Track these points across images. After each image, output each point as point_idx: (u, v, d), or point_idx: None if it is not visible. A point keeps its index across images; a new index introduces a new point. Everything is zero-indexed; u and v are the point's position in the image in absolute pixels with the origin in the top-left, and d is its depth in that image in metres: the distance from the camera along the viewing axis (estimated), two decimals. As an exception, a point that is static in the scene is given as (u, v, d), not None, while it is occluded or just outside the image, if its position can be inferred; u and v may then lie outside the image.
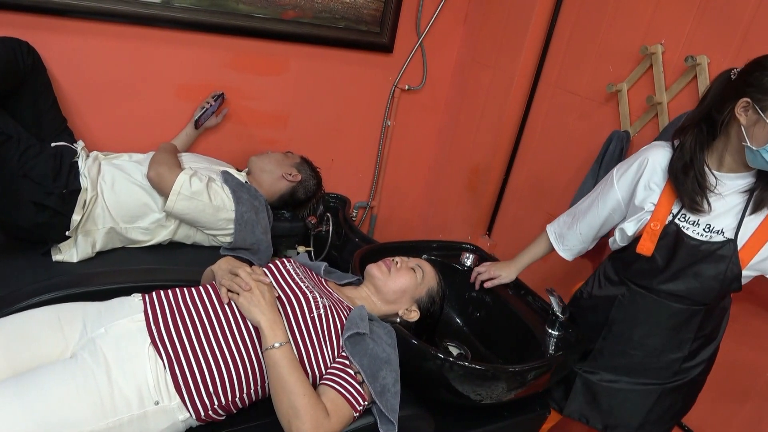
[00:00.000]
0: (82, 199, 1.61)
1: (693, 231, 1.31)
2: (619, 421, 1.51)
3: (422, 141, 2.69)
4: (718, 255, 1.29)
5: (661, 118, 1.71)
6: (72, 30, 1.80)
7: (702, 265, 1.31)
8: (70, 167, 1.64)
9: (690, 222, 1.31)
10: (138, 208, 1.71)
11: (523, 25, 2.16)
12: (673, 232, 1.32)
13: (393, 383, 1.21)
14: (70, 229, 1.60)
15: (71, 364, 1.08)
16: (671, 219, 1.33)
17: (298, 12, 2.10)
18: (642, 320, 1.42)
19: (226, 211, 1.75)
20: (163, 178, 1.68)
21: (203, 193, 1.71)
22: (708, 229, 1.30)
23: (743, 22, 1.51)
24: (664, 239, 1.33)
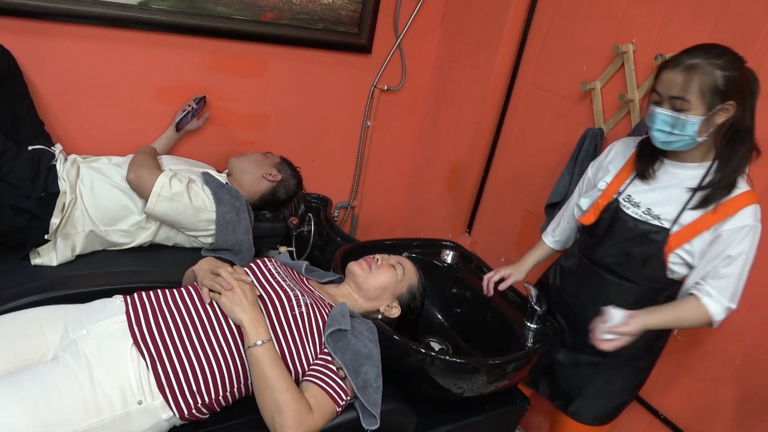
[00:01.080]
0: (61, 202, 1.60)
1: (633, 211, 1.41)
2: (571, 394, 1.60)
3: (402, 141, 2.72)
4: (648, 237, 1.37)
5: (633, 115, 1.76)
6: (48, 33, 1.79)
7: (632, 243, 1.40)
8: (48, 170, 1.63)
9: (632, 203, 1.41)
10: (118, 211, 1.71)
11: (499, 25, 2.19)
12: (614, 208, 1.43)
13: (375, 378, 1.23)
14: (49, 232, 1.59)
15: (53, 366, 1.08)
16: (616, 197, 1.44)
17: (276, 14, 2.11)
18: (584, 290, 1.53)
19: (207, 212, 1.76)
20: (143, 180, 1.68)
21: (183, 194, 1.71)
22: (647, 212, 1.38)
23: (710, 21, 1.56)
24: (606, 213, 1.45)
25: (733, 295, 1.31)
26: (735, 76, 1.22)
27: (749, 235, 1.28)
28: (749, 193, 1.30)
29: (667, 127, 1.27)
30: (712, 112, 1.23)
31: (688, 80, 1.22)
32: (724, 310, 1.32)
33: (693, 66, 1.22)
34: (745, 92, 1.25)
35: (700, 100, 1.23)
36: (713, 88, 1.22)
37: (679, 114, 1.25)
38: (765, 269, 1.48)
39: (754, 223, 1.28)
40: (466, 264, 1.87)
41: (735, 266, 1.29)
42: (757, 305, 1.50)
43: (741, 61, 1.25)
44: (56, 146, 1.76)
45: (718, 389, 1.61)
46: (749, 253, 1.29)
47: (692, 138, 1.27)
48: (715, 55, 1.22)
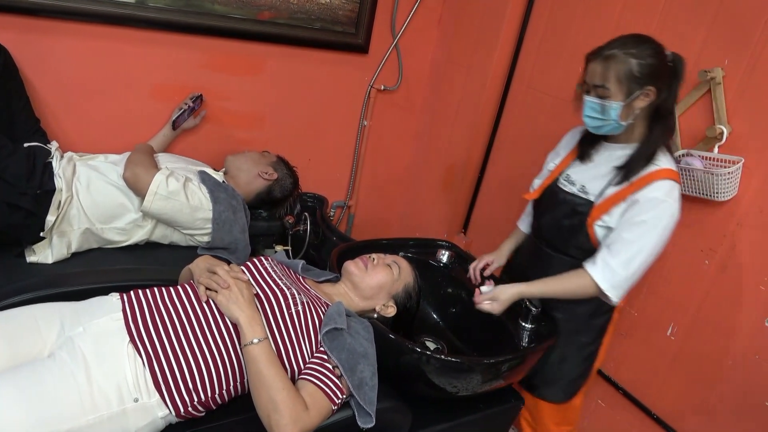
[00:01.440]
0: (57, 199, 1.60)
1: (569, 188, 1.54)
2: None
3: (398, 141, 2.73)
4: (576, 210, 1.50)
5: (628, 117, 1.77)
6: (45, 30, 1.79)
7: (563, 216, 1.54)
8: (44, 168, 1.63)
9: (570, 181, 1.55)
10: (114, 209, 1.71)
11: (496, 26, 2.20)
12: (554, 185, 1.58)
13: (370, 377, 1.24)
14: (45, 230, 1.59)
15: (49, 363, 1.08)
16: (558, 177, 1.59)
17: (273, 13, 2.11)
18: (532, 265, 1.64)
19: (204, 211, 1.76)
20: (140, 179, 1.68)
21: (180, 192, 1.71)
22: (581, 189, 1.52)
23: (705, 23, 1.57)
24: (548, 189, 1.60)
25: (627, 262, 1.38)
26: (650, 63, 1.32)
27: (657, 208, 1.35)
28: (667, 170, 1.37)
29: (594, 113, 1.39)
30: (631, 98, 1.34)
31: (607, 69, 1.34)
32: (611, 276, 1.40)
33: (610, 56, 1.34)
34: (664, 77, 1.35)
35: (618, 87, 1.34)
36: (629, 75, 1.32)
37: (602, 101, 1.36)
38: (756, 271, 1.49)
39: (664, 197, 1.35)
40: (462, 264, 1.88)
41: (634, 232, 1.37)
42: (747, 306, 1.52)
43: (658, 48, 1.35)
44: (52, 143, 1.76)
45: (710, 389, 1.62)
46: (654, 225, 1.36)
47: (617, 122, 1.37)
48: (630, 46, 1.33)
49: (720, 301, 1.58)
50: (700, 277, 1.62)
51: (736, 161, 1.47)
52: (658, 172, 1.37)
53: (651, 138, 1.40)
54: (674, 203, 1.36)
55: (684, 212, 1.63)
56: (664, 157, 1.40)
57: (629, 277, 1.40)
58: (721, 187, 1.48)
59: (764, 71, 1.45)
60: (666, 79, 1.35)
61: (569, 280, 1.48)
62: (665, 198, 1.35)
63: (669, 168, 1.38)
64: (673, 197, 1.36)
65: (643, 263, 1.39)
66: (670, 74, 1.36)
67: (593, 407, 1.96)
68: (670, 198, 1.35)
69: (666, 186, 1.36)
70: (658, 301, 1.73)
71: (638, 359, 1.80)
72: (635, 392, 1.81)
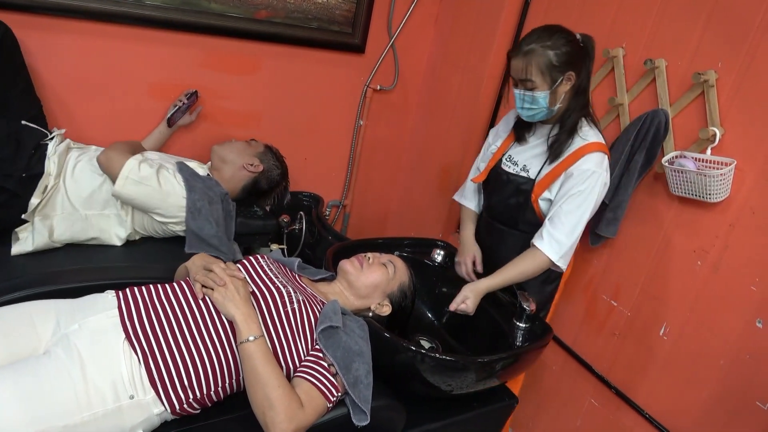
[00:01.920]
0: (44, 183, 1.61)
1: (512, 168, 1.69)
2: None
3: (394, 141, 2.73)
4: (520, 189, 1.64)
5: (622, 119, 1.79)
6: (41, 27, 1.79)
7: (510, 195, 1.68)
8: (35, 149, 1.63)
9: (512, 162, 1.69)
10: (98, 194, 1.71)
11: (492, 27, 2.21)
12: (498, 167, 1.72)
13: (365, 375, 1.24)
14: (27, 212, 1.59)
15: (45, 361, 1.08)
16: (500, 158, 1.72)
17: (270, 12, 2.12)
18: (488, 242, 1.78)
19: (177, 197, 1.72)
20: (112, 162, 1.67)
21: (152, 178, 1.69)
22: (523, 169, 1.66)
23: (698, 27, 1.59)
24: (492, 171, 1.74)
25: (570, 232, 1.53)
26: (566, 51, 1.47)
27: (590, 178, 1.50)
28: (595, 144, 1.53)
29: (525, 103, 1.54)
30: (555, 86, 1.49)
31: (528, 64, 1.48)
32: (559, 247, 1.54)
33: (529, 51, 1.47)
34: (579, 60, 1.49)
35: (542, 78, 1.48)
36: (550, 65, 1.47)
37: (531, 92, 1.51)
38: (748, 272, 1.51)
39: (595, 168, 1.50)
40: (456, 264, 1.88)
41: (572, 204, 1.52)
42: (738, 307, 1.53)
43: (570, 36, 1.49)
44: (55, 130, 1.76)
45: (702, 389, 1.63)
46: (588, 194, 1.51)
47: (547, 108, 1.53)
48: (545, 38, 1.47)
49: (712, 302, 1.60)
50: (692, 277, 1.64)
51: (729, 163, 1.49)
52: (587, 146, 1.53)
53: (569, 114, 1.54)
54: (604, 172, 1.53)
55: (676, 213, 1.66)
56: (591, 131, 1.56)
57: (573, 245, 1.56)
58: (714, 189, 1.49)
59: (757, 74, 1.47)
60: (581, 61, 1.50)
61: (524, 262, 1.59)
62: (596, 168, 1.51)
63: (597, 141, 1.54)
64: (603, 167, 1.52)
65: (582, 229, 1.55)
66: (584, 55, 1.51)
67: (586, 406, 1.98)
68: (600, 168, 1.51)
69: (595, 158, 1.52)
70: (651, 301, 1.75)
71: (631, 359, 1.82)
72: (628, 392, 1.83)
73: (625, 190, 1.69)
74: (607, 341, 1.89)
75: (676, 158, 1.58)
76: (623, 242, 1.82)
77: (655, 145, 1.64)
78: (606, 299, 1.88)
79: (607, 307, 1.88)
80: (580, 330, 1.98)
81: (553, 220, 1.55)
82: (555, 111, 1.54)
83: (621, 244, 1.82)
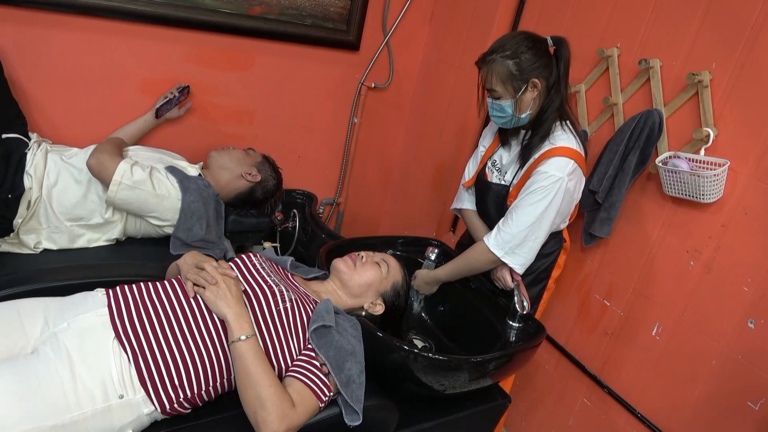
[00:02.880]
0: (26, 199, 1.57)
1: (495, 175, 1.69)
2: None
3: (388, 139, 2.73)
4: (500, 194, 1.65)
5: (616, 119, 1.78)
6: (31, 21, 1.76)
7: (490, 200, 1.69)
8: (18, 164, 1.59)
9: (496, 167, 1.69)
10: (82, 207, 1.67)
11: (486, 25, 2.21)
12: (482, 172, 1.72)
13: (358, 374, 1.24)
14: (14, 231, 1.58)
15: (33, 359, 1.07)
16: (486, 163, 1.72)
17: (264, 8, 2.10)
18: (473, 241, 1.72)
19: (172, 200, 1.71)
20: (104, 166, 1.63)
21: (146, 182, 1.66)
22: (502, 173, 1.66)
23: (693, 27, 1.59)
24: (479, 176, 1.74)
25: (519, 229, 1.51)
26: (527, 59, 1.44)
27: (548, 180, 1.47)
28: (561, 148, 1.49)
29: (495, 112, 1.53)
30: (519, 94, 1.47)
31: (491, 74, 1.47)
32: (503, 243, 1.53)
33: (490, 61, 1.47)
34: (545, 65, 1.46)
35: (503, 87, 1.47)
36: (510, 75, 1.45)
37: (497, 101, 1.51)
38: (740, 272, 1.51)
39: (554, 172, 1.47)
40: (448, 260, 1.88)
41: (525, 201, 1.50)
42: (731, 307, 1.54)
43: (533, 41, 1.46)
44: (33, 135, 1.72)
45: (694, 389, 1.64)
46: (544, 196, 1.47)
47: (515, 116, 1.51)
48: (508, 47, 1.45)
49: (705, 302, 1.60)
50: (685, 277, 1.64)
51: (722, 164, 1.49)
52: (553, 150, 1.50)
53: (542, 117, 1.52)
54: (566, 178, 1.48)
55: (670, 213, 1.66)
56: (564, 134, 1.52)
57: (523, 243, 1.52)
58: (707, 189, 1.49)
59: (751, 75, 1.47)
60: (548, 66, 1.47)
61: (471, 253, 1.62)
62: (555, 172, 1.47)
63: (564, 146, 1.50)
64: (566, 172, 1.48)
65: (539, 233, 1.52)
66: (551, 60, 1.47)
67: (579, 406, 1.98)
68: (561, 173, 1.47)
69: (558, 162, 1.48)
70: (644, 301, 1.75)
71: (623, 358, 1.82)
72: (620, 391, 1.83)
73: (619, 190, 1.69)
74: (600, 341, 1.89)
75: (670, 158, 1.58)
76: (616, 242, 1.82)
77: (649, 146, 1.64)
78: (599, 299, 1.89)
79: (600, 306, 1.88)
80: (573, 329, 1.99)
81: (505, 216, 1.56)
82: (524, 119, 1.53)
83: (614, 244, 1.83)
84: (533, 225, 1.50)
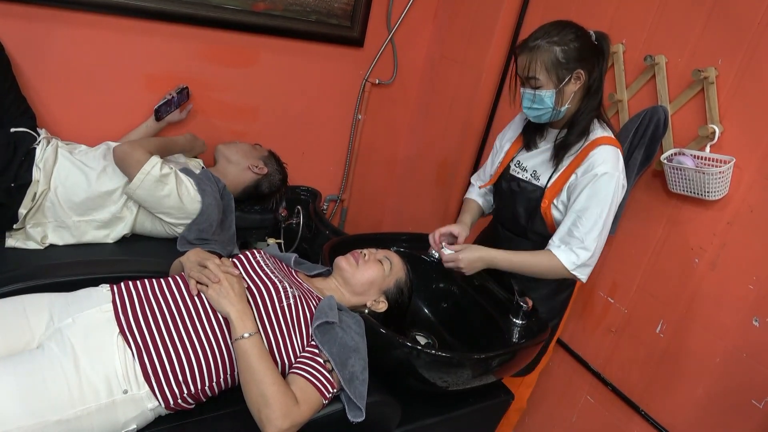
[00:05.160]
0: (32, 191, 1.58)
1: (522, 175, 1.60)
2: None
3: (392, 135, 2.72)
4: (530, 197, 1.56)
5: (621, 115, 1.78)
6: (36, 17, 1.77)
7: (518, 203, 1.60)
8: (26, 156, 1.60)
9: (522, 168, 1.61)
10: (92, 201, 1.67)
11: (491, 21, 2.20)
12: (507, 173, 1.64)
13: (361, 371, 1.24)
14: (18, 221, 1.58)
15: (38, 355, 1.08)
16: (509, 163, 1.64)
17: (268, 4, 2.10)
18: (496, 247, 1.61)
19: (192, 201, 1.72)
20: (133, 156, 1.63)
21: (171, 177, 1.68)
22: (533, 175, 1.58)
23: (699, 23, 1.57)
24: (501, 176, 1.66)
25: (588, 243, 1.44)
26: (575, 47, 1.37)
27: (599, 180, 1.40)
28: (604, 137, 1.44)
29: (531, 103, 1.44)
30: (562, 84, 1.39)
31: (533, 61, 1.39)
32: (576, 258, 1.45)
33: (534, 47, 1.38)
34: (590, 57, 1.40)
35: (547, 76, 1.39)
36: (555, 63, 1.37)
37: (536, 91, 1.41)
38: (745, 269, 1.51)
39: (607, 169, 1.40)
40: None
41: (588, 212, 1.42)
42: (735, 305, 1.53)
43: (580, 31, 1.40)
44: (41, 131, 1.73)
45: (698, 386, 1.64)
46: (603, 198, 1.41)
47: (554, 109, 1.43)
48: (553, 33, 1.38)
49: (709, 300, 1.60)
50: (689, 275, 1.63)
51: (728, 161, 1.48)
52: (597, 140, 1.44)
53: (580, 115, 1.45)
54: (614, 171, 1.41)
55: (674, 210, 1.65)
56: (599, 127, 1.47)
57: (593, 255, 1.46)
58: (712, 186, 1.49)
59: (757, 72, 1.46)
60: (593, 59, 1.40)
61: (539, 258, 1.51)
62: (608, 170, 1.40)
63: (603, 135, 1.45)
64: (618, 166, 1.42)
65: (602, 237, 1.46)
66: (597, 53, 1.41)
67: (582, 403, 1.98)
68: (613, 169, 1.41)
69: (605, 154, 1.42)
70: (648, 298, 1.75)
71: (627, 356, 1.82)
72: (623, 388, 1.83)
73: (624, 187, 1.69)
74: (604, 338, 1.89)
75: (675, 155, 1.57)
76: (621, 239, 1.81)
77: (654, 142, 1.64)
78: (603, 296, 1.88)
79: (604, 303, 1.88)
80: (577, 326, 1.98)
81: (571, 229, 1.46)
82: (563, 112, 1.45)
83: (618, 241, 1.82)
84: (604, 233, 1.45)
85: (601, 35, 1.43)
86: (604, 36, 1.43)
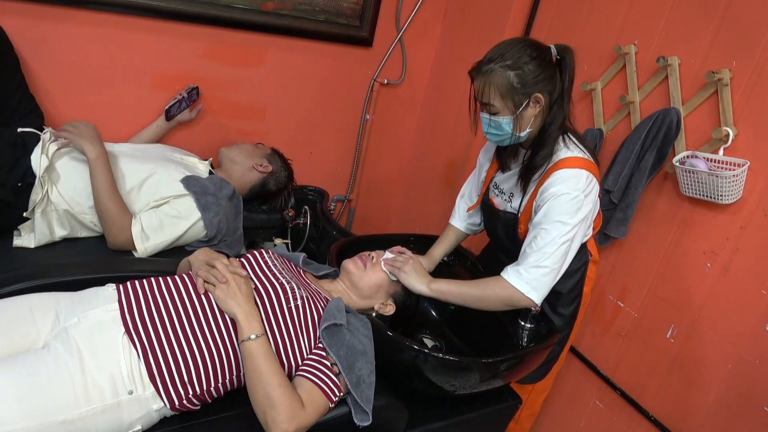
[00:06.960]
0: (38, 189, 1.58)
1: (499, 198, 1.54)
2: None
3: (400, 135, 2.71)
4: (508, 223, 1.51)
5: (633, 117, 1.75)
6: (46, 16, 1.77)
7: (499, 225, 1.56)
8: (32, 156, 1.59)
9: (500, 190, 1.54)
10: None
11: (500, 22, 2.18)
12: (486, 197, 1.58)
13: (368, 374, 1.23)
14: (26, 219, 1.58)
15: (43, 354, 1.07)
16: (489, 185, 1.58)
17: (277, 4, 2.09)
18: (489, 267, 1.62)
19: (194, 227, 1.71)
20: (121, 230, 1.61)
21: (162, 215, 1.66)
22: (509, 198, 1.50)
23: (713, 24, 1.55)
24: (483, 200, 1.61)
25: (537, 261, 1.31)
26: (530, 70, 1.25)
27: (556, 200, 1.30)
28: (566, 160, 1.32)
29: (490, 129, 1.35)
30: (519, 110, 1.28)
31: (488, 86, 1.28)
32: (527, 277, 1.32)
33: (487, 71, 1.27)
34: (550, 77, 1.28)
35: (503, 102, 1.29)
36: (510, 88, 1.26)
37: (493, 117, 1.32)
38: (759, 275, 1.48)
39: (564, 190, 1.30)
40: (462, 261, 1.86)
41: (542, 232, 1.32)
42: (748, 310, 1.51)
43: (535, 51, 1.27)
44: (46, 130, 1.73)
45: (709, 392, 1.61)
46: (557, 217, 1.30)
47: (514, 135, 1.32)
48: (507, 56, 1.26)
49: (721, 305, 1.57)
50: (701, 279, 1.61)
51: (742, 164, 1.46)
52: (557, 163, 1.33)
53: (545, 134, 1.34)
54: (581, 194, 1.31)
55: (687, 214, 1.63)
56: (565, 148, 1.35)
57: (547, 274, 1.33)
58: (725, 190, 1.46)
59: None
60: (553, 78, 1.29)
61: (485, 285, 1.41)
62: (568, 191, 1.30)
63: (568, 157, 1.33)
64: (579, 186, 1.31)
65: (558, 256, 1.32)
66: (558, 70, 1.30)
67: (590, 408, 1.96)
68: (574, 190, 1.30)
69: (567, 178, 1.31)
70: (659, 302, 1.72)
71: (637, 361, 1.80)
72: (633, 394, 1.81)
73: (635, 190, 1.66)
74: (613, 342, 1.87)
75: (688, 158, 1.55)
76: (631, 242, 1.79)
77: (666, 145, 1.62)
78: (612, 300, 1.86)
79: (614, 307, 1.86)
80: (586, 330, 1.96)
81: (525, 253, 1.35)
82: (525, 136, 1.35)
83: (629, 245, 1.80)
84: (557, 252, 1.32)
85: (563, 49, 1.31)
86: (566, 49, 1.31)
